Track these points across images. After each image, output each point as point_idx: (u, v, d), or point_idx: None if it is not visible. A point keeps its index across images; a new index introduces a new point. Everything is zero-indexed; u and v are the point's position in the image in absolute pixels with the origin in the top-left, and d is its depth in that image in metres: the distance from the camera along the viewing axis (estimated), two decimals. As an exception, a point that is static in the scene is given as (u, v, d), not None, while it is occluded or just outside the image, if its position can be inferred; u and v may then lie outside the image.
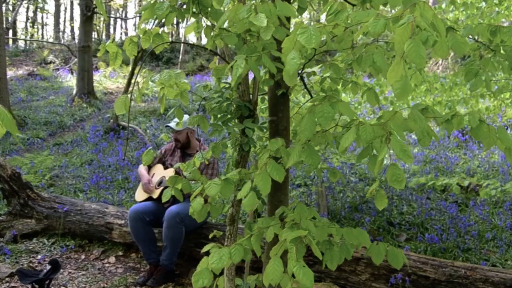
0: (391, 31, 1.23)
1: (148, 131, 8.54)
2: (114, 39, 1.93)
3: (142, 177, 3.91)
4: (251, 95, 2.05)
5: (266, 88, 2.26)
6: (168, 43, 1.94)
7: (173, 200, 3.74)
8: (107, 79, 13.13)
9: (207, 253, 1.89)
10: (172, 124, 3.78)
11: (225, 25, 1.69)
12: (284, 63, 1.65)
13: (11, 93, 11.05)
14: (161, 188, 3.79)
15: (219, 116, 1.94)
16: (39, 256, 4.09)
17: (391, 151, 1.24)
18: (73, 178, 6.35)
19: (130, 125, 8.66)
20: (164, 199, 2.13)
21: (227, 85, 2.00)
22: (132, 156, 7.15)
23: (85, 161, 6.98)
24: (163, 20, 1.96)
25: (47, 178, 6.07)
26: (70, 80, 12.88)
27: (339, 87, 2.32)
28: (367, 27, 1.24)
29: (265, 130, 2.10)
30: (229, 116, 1.91)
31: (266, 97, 2.27)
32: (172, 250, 3.58)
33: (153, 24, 6.97)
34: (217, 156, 2.08)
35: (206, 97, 2.17)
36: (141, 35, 1.95)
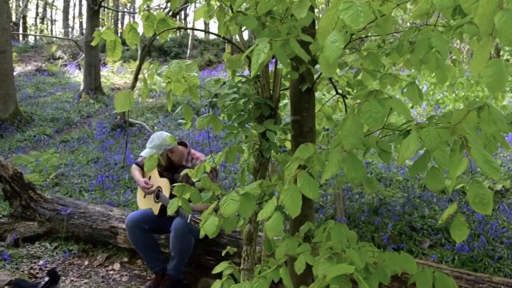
0: (463, 5, 0.92)
1: (155, 127, 8.30)
2: (111, 26, 1.65)
3: (138, 182, 3.58)
4: (271, 91, 1.75)
5: (287, 83, 1.96)
6: (174, 30, 1.66)
7: (176, 212, 3.46)
8: (115, 74, 12.92)
9: (220, 274, 1.62)
10: (146, 153, 3.32)
11: (243, 6, 1.40)
12: (310, 51, 1.35)
13: (19, 89, 10.89)
14: (160, 204, 3.45)
15: (234, 116, 1.65)
16: (41, 262, 3.86)
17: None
18: (78, 176, 6.13)
19: (137, 121, 8.43)
20: (169, 211, 1.86)
21: (244, 79, 1.70)
22: (139, 154, 6.91)
23: (91, 159, 6.75)
24: (169, 5, 1.66)
25: (52, 177, 5.86)
26: (78, 76, 12.69)
27: (374, 81, 2.01)
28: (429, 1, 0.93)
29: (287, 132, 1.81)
30: (246, 116, 1.62)
31: (287, 93, 1.98)
32: (180, 261, 3.31)
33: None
34: (232, 162, 1.80)
35: (218, 93, 1.88)
36: (143, 21, 1.66)
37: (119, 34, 22.64)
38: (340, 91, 2.20)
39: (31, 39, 20.77)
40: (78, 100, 10.14)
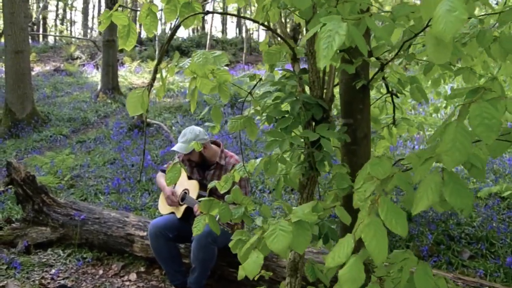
0: None
1: (173, 128, 8.07)
2: (120, 7, 1.37)
3: (164, 189, 3.36)
4: (323, 90, 1.44)
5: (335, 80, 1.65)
6: (203, 14, 1.37)
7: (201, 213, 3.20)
8: (132, 74, 12.79)
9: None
10: (179, 147, 3.13)
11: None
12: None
13: (37, 88, 10.82)
14: (185, 206, 3.21)
15: (277, 119, 1.36)
16: (53, 271, 3.64)
17: None
18: (94, 178, 5.92)
19: (155, 121, 8.21)
20: (195, 233, 1.58)
21: (288, 74, 1.40)
22: (156, 155, 6.69)
23: (108, 160, 6.55)
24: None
25: (67, 179, 5.66)
26: (95, 76, 12.60)
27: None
28: None
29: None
30: (293, 119, 1.32)
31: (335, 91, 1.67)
32: (202, 273, 3.04)
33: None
34: (272, 174, 1.51)
35: (252, 92, 1.58)
36: (164, 4, 1.38)
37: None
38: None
39: (50, 40, 20.91)
40: (95, 100, 10.00)
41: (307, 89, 1.54)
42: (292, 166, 1.61)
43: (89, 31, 27.17)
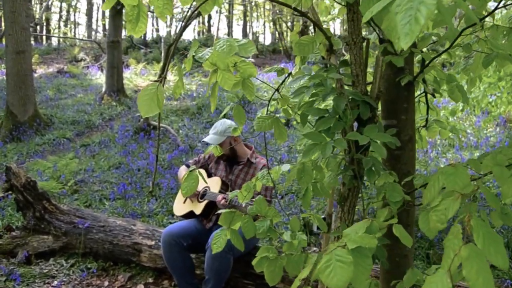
0: None
1: (180, 131, 7.87)
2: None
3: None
4: (365, 85, 1.22)
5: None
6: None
7: (216, 220, 3.00)
8: (138, 76, 12.60)
9: None
10: (209, 138, 3.06)
11: None
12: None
13: (39, 91, 10.66)
14: (205, 201, 3.04)
15: (316, 119, 1.14)
16: (55, 282, 3.43)
17: None
18: (99, 183, 5.72)
19: (161, 124, 8.01)
20: (214, 250, 1.36)
21: (329, 66, 1.18)
22: (163, 159, 6.49)
23: (113, 165, 6.35)
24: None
25: (70, 185, 5.46)
26: (100, 78, 12.43)
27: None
28: None
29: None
30: (336, 119, 1.10)
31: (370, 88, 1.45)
32: (216, 284, 2.83)
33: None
34: (306, 184, 1.29)
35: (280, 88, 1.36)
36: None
37: (142, 36, 22.55)
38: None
39: (54, 42, 20.82)
40: (99, 102, 9.82)
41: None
42: (324, 173, 1.39)
43: (93, 33, 27.10)
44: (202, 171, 3.28)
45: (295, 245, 1.35)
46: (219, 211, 1.48)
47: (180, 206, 3.28)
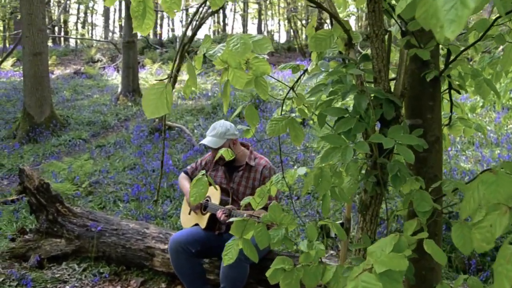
0: None
1: (195, 131, 7.81)
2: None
3: (187, 195, 3.09)
4: (388, 82, 1.10)
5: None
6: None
7: (227, 228, 2.89)
8: (153, 76, 12.61)
9: None
10: (208, 141, 2.93)
11: None
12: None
13: (56, 92, 10.75)
14: (208, 214, 2.94)
15: (334, 120, 1.02)
16: (67, 287, 3.38)
17: None
18: (114, 184, 5.69)
19: (176, 124, 7.96)
20: (225, 262, 1.26)
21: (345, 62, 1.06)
22: (178, 160, 6.43)
23: (128, 166, 6.32)
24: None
25: (84, 186, 5.43)
26: (116, 78, 12.49)
27: None
28: None
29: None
30: (358, 120, 0.98)
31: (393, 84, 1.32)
32: (231, 293, 2.72)
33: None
34: (325, 190, 1.17)
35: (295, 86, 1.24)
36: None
37: (158, 36, 22.58)
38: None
39: (72, 43, 21.08)
40: (115, 103, 9.84)
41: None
42: (343, 177, 1.27)
43: (110, 34, 27.37)
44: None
45: (312, 256, 1.23)
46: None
47: (186, 219, 3.19)
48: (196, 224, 3.04)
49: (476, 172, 5.18)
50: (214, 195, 3.01)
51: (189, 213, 3.15)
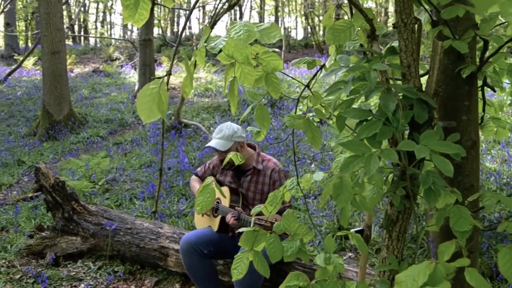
0: None
1: (211, 128, 7.74)
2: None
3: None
4: (419, 79, 0.97)
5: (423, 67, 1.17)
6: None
7: (234, 221, 2.80)
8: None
9: None
10: (215, 143, 2.82)
11: None
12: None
13: (75, 90, 10.85)
14: (219, 217, 2.86)
15: (356, 123, 0.90)
16: (82, 286, 3.36)
17: None
18: (130, 182, 5.68)
19: (192, 122, 7.92)
20: (235, 277, 1.16)
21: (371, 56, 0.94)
22: (194, 158, 6.37)
23: (144, 163, 6.30)
24: None
25: (101, 183, 5.43)
26: (133, 76, 12.54)
27: None
28: None
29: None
30: (384, 123, 0.86)
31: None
32: (245, 298, 2.64)
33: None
34: (345, 203, 1.06)
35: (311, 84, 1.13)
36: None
37: (174, 34, 22.63)
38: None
39: (91, 42, 21.32)
40: (132, 101, 9.87)
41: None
42: (366, 186, 1.15)
43: (128, 32, 27.59)
44: (213, 179, 3.13)
45: (330, 271, 1.12)
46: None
47: (199, 220, 3.14)
48: (209, 226, 2.97)
49: (503, 173, 4.94)
50: (224, 197, 2.94)
51: (202, 215, 3.08)
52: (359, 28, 1.09)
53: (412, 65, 0.98)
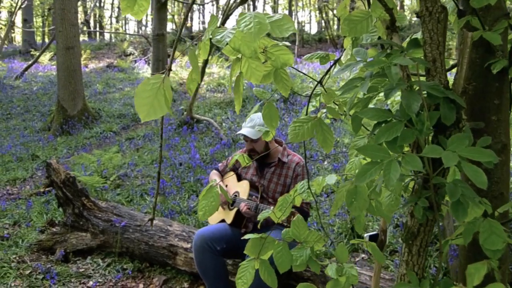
0: None
1: (224, 124, 7.68)
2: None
3: None
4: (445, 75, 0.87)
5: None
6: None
7: (254, 227, 2.75)
8: (183, 69, 12.59)
9: None
10: (247, 131, 2.80)
11: None
12: None
13: (89, 85, 10.90)
14: (235, 210, 2.81)
15: (374, 124, 0.81)
16: (91, 283, 3.33)
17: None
18: (141, 177, 5.65)
19: (204, 117, 7.86)
20: (239, 287, 1.08)
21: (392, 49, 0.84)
22: (206, 154, 6.32)
23: (156, 159, 6.28)
24: None
25: (112, 179, 5.41)
26: (147, 71, 12.56)
27: None
28: None
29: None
30: (406, 125, 0.76)
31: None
32: (256, 300, 2.56)
33: None
34: (360, 211, 0.97)
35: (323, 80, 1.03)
36: None
37: (188, 29, 22.62)
38: None
39: (107, 37, 21.45)
40: (145, 96, 9.87)
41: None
42: (383, 192, 1.06)
43: (142, 28, 27.71)
44: (232, 174, 3.05)
45: (342, 283, 1.03)
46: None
47: (215, 214, 3.07)
48: (223, 220, 2.91)
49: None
50: (243, 190, 2.91)
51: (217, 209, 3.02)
52: (377, 19, 0.99)
53: (438, 59, 0.87)
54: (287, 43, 0.94)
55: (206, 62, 7.68)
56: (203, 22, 28.46)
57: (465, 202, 0.76)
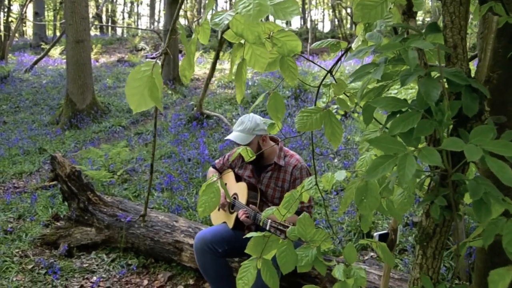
0: None
1: (234, 120, 7.62)
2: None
3: None
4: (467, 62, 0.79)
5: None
6: None
7: (256, 228, 2.67)
8: (195, 64, 12.56)
9: None
10: (235, 136, 2.65)
11: None
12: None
13: (99, 79, 10.92)
14: (235, 213, 2.72)
15: (388, 115, 0.74)
16: (94, 278, 3.30)
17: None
18: (149, 173, 5.62)
19: (214, 113, 7.81)
20: (239, 287, 1.02)
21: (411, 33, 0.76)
22: (215, 149, 6.27)
23: (164, 154, 6.24)
24: None
25: (119, 174, 5.39)
26: (157, 66, 12.54)
27: None
28: None
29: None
30: (423, 115, 0.69)
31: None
32: (260, 301, 2.50)
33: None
34: (370, 210, 0.90)
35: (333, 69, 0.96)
36: None
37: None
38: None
39: (118, 32, 21.53)
40: (155, 91, 9.86)
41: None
42: (395, 189, 0.98)
43: (155, 23, 27.77)
44: (231, 173, 2.94)
45: (350, 286, 0.96)
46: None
47: (215, 214, 3.01)
48: (225, 223, 2.84)
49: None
50: (242, 193, 2.79)
51: (218, 209, 2.95)
52: (392, 4, 0.91)
53: (459, 45, 0.78)
54: (295, 29, 0.87)
55: (216, 58, 7.62)
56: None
57: (488, 201, 0.69)
